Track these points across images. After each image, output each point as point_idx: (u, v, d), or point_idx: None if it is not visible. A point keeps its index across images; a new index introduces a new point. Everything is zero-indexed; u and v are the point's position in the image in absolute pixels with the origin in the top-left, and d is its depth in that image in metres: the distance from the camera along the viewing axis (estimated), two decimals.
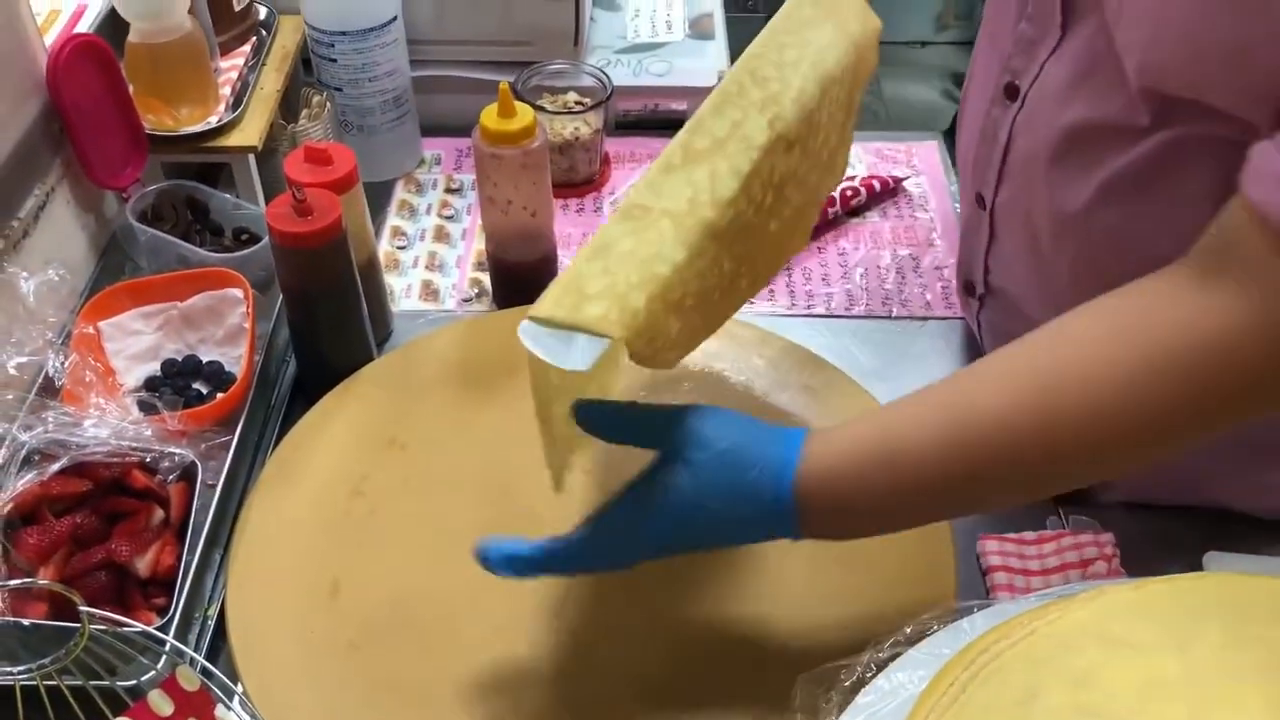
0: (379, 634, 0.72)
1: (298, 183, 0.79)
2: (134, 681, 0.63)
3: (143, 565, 0.70)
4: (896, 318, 0.96)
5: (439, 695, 0.69)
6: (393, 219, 1.06)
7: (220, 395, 0.81)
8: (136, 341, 0.87)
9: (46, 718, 0.61)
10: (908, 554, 0.71)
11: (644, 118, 1.16)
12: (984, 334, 0.86)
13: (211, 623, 0.72)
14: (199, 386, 0.85)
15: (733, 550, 0.74)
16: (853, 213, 1.06)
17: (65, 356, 0.79)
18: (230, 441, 0.78)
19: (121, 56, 0.92)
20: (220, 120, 0.95)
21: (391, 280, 0.99)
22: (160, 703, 0.61)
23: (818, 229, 1.03)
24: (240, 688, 0.67)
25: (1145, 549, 0.74)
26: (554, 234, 0.94)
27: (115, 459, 0.73)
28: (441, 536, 0.77)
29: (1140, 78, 0.60)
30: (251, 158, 0.97)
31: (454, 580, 0.74)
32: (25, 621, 0.65)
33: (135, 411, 0.79)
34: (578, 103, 1.07)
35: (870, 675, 0.56)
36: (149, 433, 0.75)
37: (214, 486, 0.75)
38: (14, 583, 0.66)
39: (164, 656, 0.64)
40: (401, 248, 1.03)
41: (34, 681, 0.61)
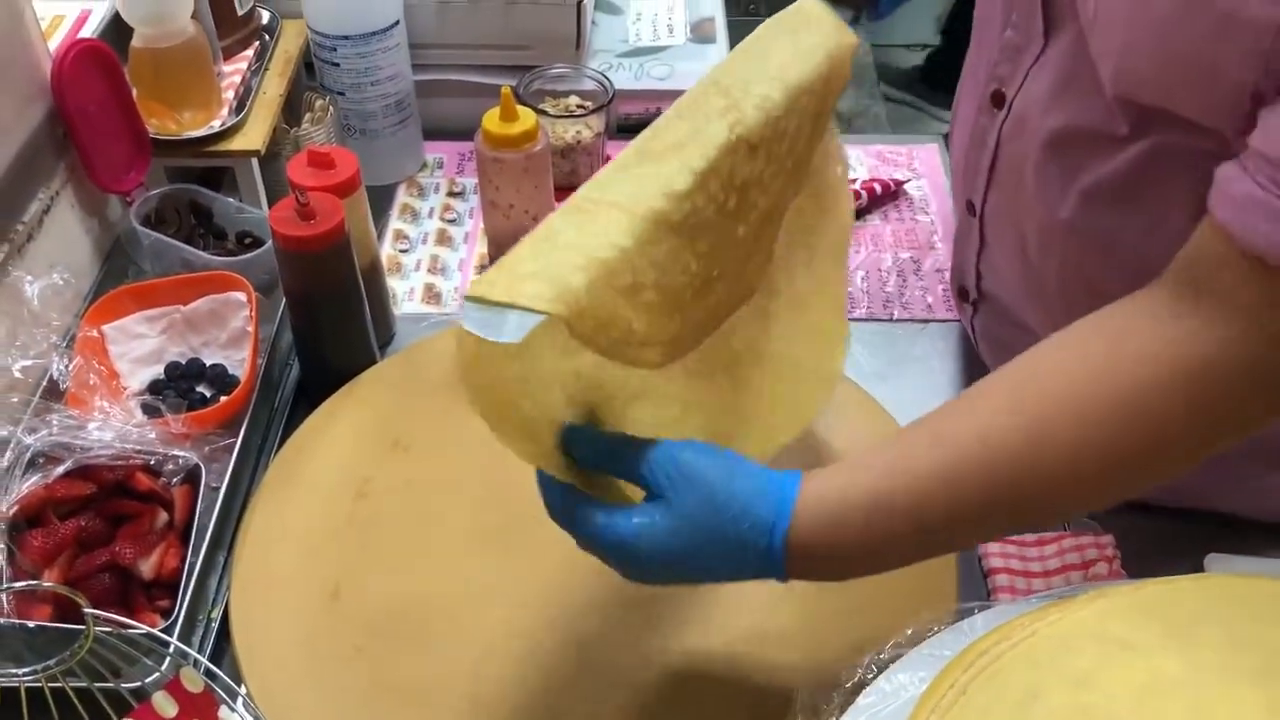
0: (382, 636, 0.72)
1: (300, 186, 0.80)
2: (138, 683, 0.64)
3: (147, 567, 0.70)
4: (898, 320, 0.97)
5: (441, 697, 0.69)
6: (395, 222, 1.06)
7: (224, 398, 0.82)
8: (140, 345, 0.87)
9: (51, 719, 0.62)
10: None
11: (645, 121, 1.16)
12: (978, 338, 0.87)
13: (215, 625, 0.72)
14: (202, 389, 0.85)
15: None
16: (854, 215, 1.06)
17: (69, 360, 0.79)
18: (234, 444, 0.78)
19: (125, 61, 0.93)
20: (223, 124, 0.96)
21: (394, 283, 0.99)
22: (164, 704, 0.61)
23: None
24: (244, 689, 0.67)
25: (1146, 551, 0.74)
26: None
27: (119, 462, 0.73)
28: (444, 539, 0.78)
29: (1115, 85, 0.60)
30: (254, 161, 0.97)
31: (457, 583, 0.75)
32: (30, 623, 0.65)
33: (139, 414, 0.79)
34: (579, 106, 1.08)
35: (871, 676, 0.56)
36: (153, 436, 0.75)
37: (218, 489, 0.76)
38: (19, 585, 0.66)
39: (168, 658, 0.64)
40: (404, 251, 1.03)
41: (39, 683, 0.61)
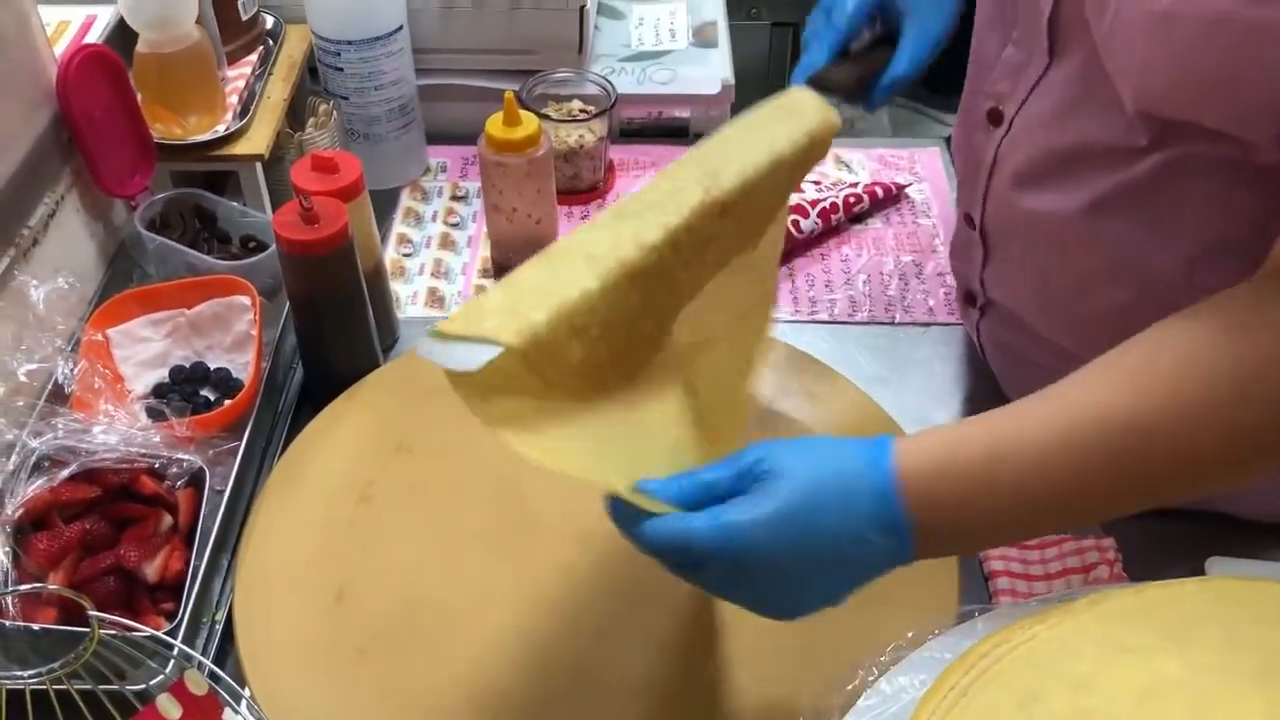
0: (385, 639, 0.72)
1: (304, 191, 0.80)
2: (142, 685, 0.64)
3: (151, 570, 0.70)
4: (899, 323, 0.97)
5: (444, 700, 0.69)
6: (399, 226, 1.06)
7: (228, 402, 0.82)
8: (145, 348, 0.87)
9: None
10: None
11: (648, 125, 1.17)
12: (984, 343, 0.87)
13: (219, 627, 0.73)
14: (207, 393, 0.86)
15: None
16: (855, 219, 1.06)
17: (74, 363, 0.80)
18: (238, 447, 0.78)
19: (130, 66, 0.93)
20: (227, 129, 0.96)
21: (397, 287, 0.99)
22: (168, 706, 0.61)
23: (820, 235, 1.04)
24: (248, 691, 0.67)
25: (1147, 554, 0.74)
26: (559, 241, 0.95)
27: (124, 465, 0.74)
28: (448, 541, 0.78)
29: (1136, 102, 0.60)
30: (258, 166, 0.97)
31: (460, 585, 0.75)
32: (35, 626, 0.66)
33: (144, 418, 0.80)
34: (582, 111, 1.08)
35: (872, 679, 0.56)
36: (157, 439, 0.75)
37: (222, 492, 0.76)
38: (24, 588, 0.67)
39: (172, 660, 0.65)
40: (407, 255, 1.04)
41: (43, 686, 0.61)
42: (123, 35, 0.95)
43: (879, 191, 1.07)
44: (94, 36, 0.96)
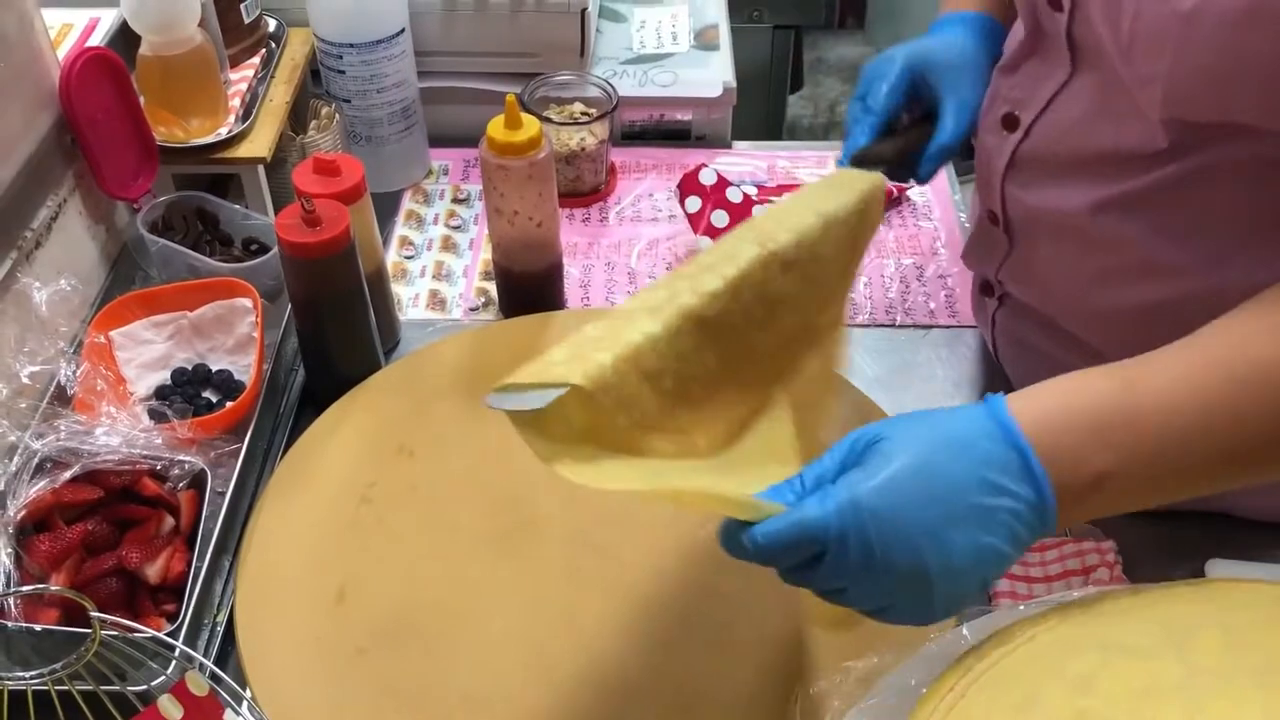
0: (386, 640, 0.72)
1: (306, 193, 0.80)
2: (144, 686, 0.64)
3: (153, 572, 0.71)
4: (901, 326, 0.97)
5: (445, 701, 0.69)
6: (400, 229, 1.07)
7: (229, 404, 0.82)
8: (147, 350, 0.87)
9: None
10: None
11: (649, 128, 1.17)
12: (997, 335, 0.86)
13: (220, 628, 0.73)
14: (209, 395, 0.86)
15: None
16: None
17: (77, 365, 0.80)
18: (239, 449, 0.78)
19: (133, 69, 0.94)
20: (230, 132, 0.96)
21: (399, 289, 1.00)
22: (170, 707, 0.61)
23: None
24: (249, 693, 0.67)
25: (1147, 556, 0.74)
26: (560, 244, 0.95)
27: (126, 467, 0.74)
28: (448, 543, 0.78)
29: (1165, 108, 0.60)
30: (261, 169, 0.98)
31: (461, 586, 0.75)
32: (37, 627, 0.66)
33: (146, 420, 0.80)
34: (584, 113, 1.08)
35: (872, 679, 0.56)
36: (159, 441, 0.76)
37: (223, 494, 0.76)
38: (26, 589, 0.67)
39: (173, 662, 0.65)
40: (409, 257, 1.04)
41: (46, 686, 0.62)
42: (125, 38, 0.96)
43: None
44: (97, 39, 0.96)
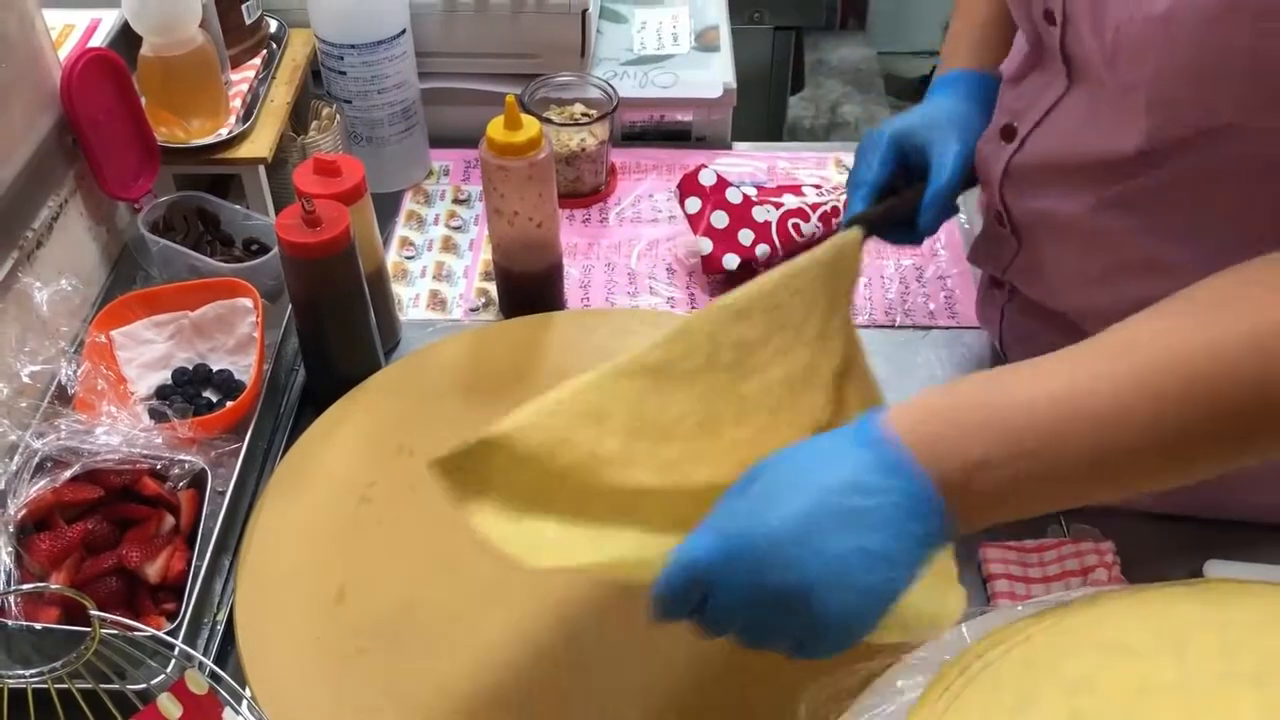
0: (385, 639, 0.72)
1: (307, 194, 0.80)
2: (144, 685, 0.64)
3: (153, 571, 0.71)
4: (900, 327, 0.97)
5: (445, 701, 0.69)
6: (401, 229, 1.07)
7: (230, 403, 0.82)
8: (148, 350, 0.88)
9: None
10: None
11: (650, 129, 1.17)
12: (1005, 329, 0.87)
13: (220, 627, 0.73)
14: (209, 395, 0.86)
15: None
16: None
17: (78, 365, 0.80)
18: (240, 449, 0.79)
19: (134, 70, 0.94)
20: (231, 132, 0.96)
21: (399, 290, 1.00)
22: (169, 706, 0.61)
23: (821, 239, 1.03)
24: (248, 691, 0.68)
25: (1146, 557, 0.74)
26: (560, 244, 0.95)
27: (126, 466, 0.74)
28: (448, 543, 0.78)
29: (1150, 115, 0.60)
30: (261, 169, 0.98)
31: (460, 586, 0.75)
32: (37, 626, 0.66)
33: (146, 419, 0.80)
34: (584, 114, 1.08)
35: (868, 680, 0.56)
36: (160, 440, 0.76)
37: (223, 493, 0.76)
38: (26, 587, 0.67)
39: (173, 660, 0.65)
40: (409, 258, 1.04)
41: (45, 685, 0.62)
42: (127, 39, 0.96)
43: None
44: (98, 40, 0.96)
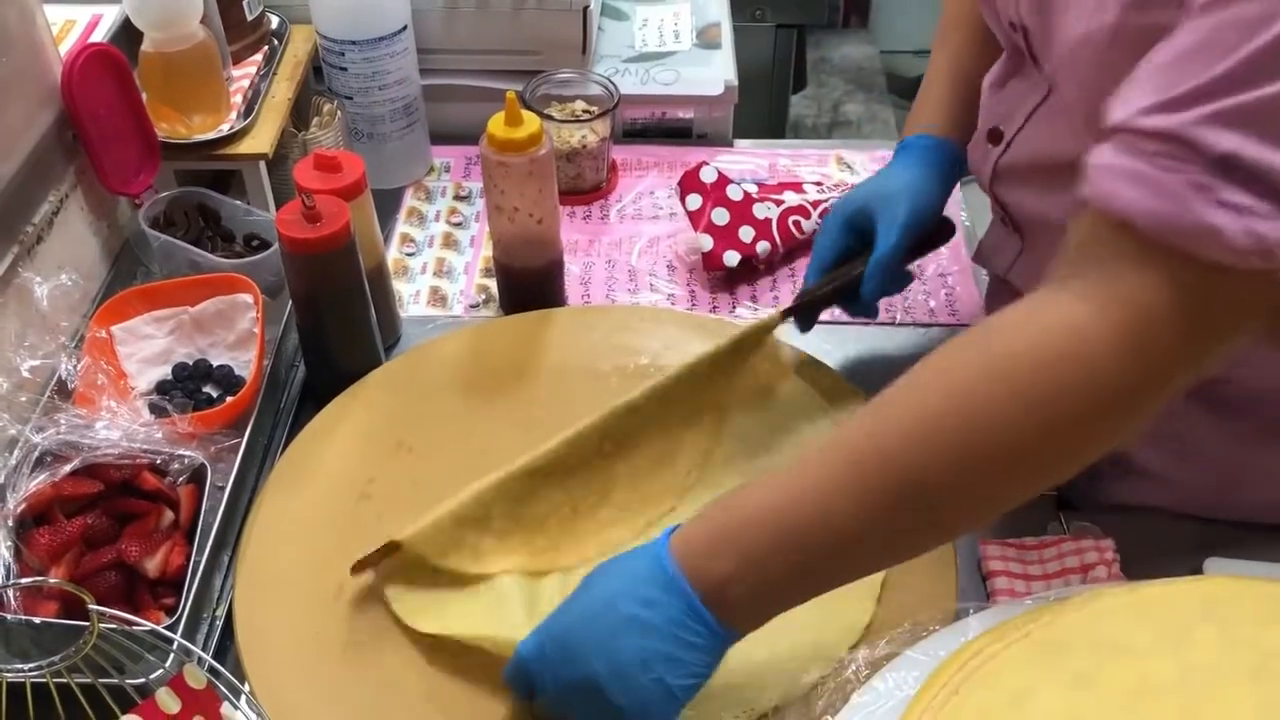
0: (384, 635, 0.72)
1: (307, 190, 0.80)
2: (142, 680, 0.64)
3: (152, 565, 0.71)
4: (900, 324, 0.97)
5: (444, 696, 0.69)
6: (402, 226, 1.07)
7: (230, 399, 0.82)
8: (148, 345, 0.88)
9: (56, 715, 0.62)
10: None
11: (651, 126, 1.17)
12: None
13: (219, 623, 0.73)
14: (209, 390, 0.86)
15: None
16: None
17: (78, 360, 0.80)
18: (239, 444, 0.79)
19: (135, 65, 0.94)
20: (232, 128, 0.96)
21: (400, 286, 1.00)
22: (168, 701, 0.61)
23: None
24: (247, 687, 0.67)
25: (1146, 554, 0.74)
26: (560, 240, 0.95)
27: (126, 461, 0.74)
28: None
29: (1087, 126, 0.63)
30: (262, 165, 0.98)
31: None
32: (36, 620, 0.66)
33: (146, 414, 0.80)
34: (585, 111, 1.08)
35: (866, 675, 0.56)
36: (159, 435, 0.76)
37: (223, 489, 0.76)
38: (25, 581, 0.67)
39: (172, 655, 0.65)
40: (410, 254, 1.04)
41: (44, 679, 0.62)
42: (128, 34, 0.96)
43: None
44: (99, 35, 0.96)
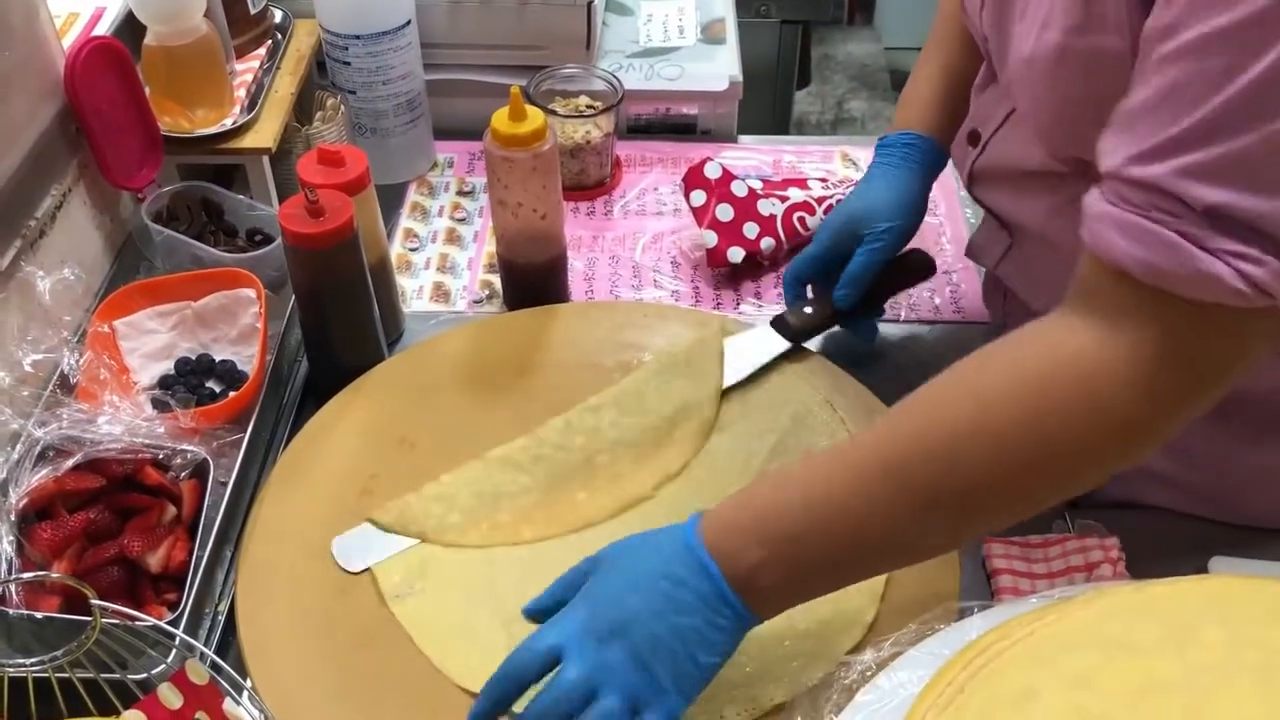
0: (386, 631, 0.72)
1: (310, 184, 0.80)
2: (144, 675, 0.64)
3: (154, 560, 0.71)
4: (905, 321, 0.97)
5: (446, 692, 0.69)
6: (405, 221, 1.07)
7: (232, 394, 0.82)
8: (151, 340, 0.87)
9: (58, 709, 0.62)
10: None
11: (655, 122, 1.17)
12: (1006, 310, 0.88)
13: (221, 618, 0.73)
14: (212, 385, 0.86)
15: None
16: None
17: (80, 354, 0.80)
18: (242, 439, 0.79)
19: (138, 59, 0.94)
20: (235, 122, 0.96)
21: (403, 281, 1.00)
22: (170, 696, 0.61)
23: None
24: (249, 682, 0.67)
25: (1151, 553, 0.74)
26: (564, 236, 0.95)
27: (128, 456, 0.74)
28: None
29: (1038, 139, 0.68)
30: (265, 159, 0.98)
31: None
32: (38, 614, 0.66)
33: (149, 409, 0.80)
34: (589, 106, 1.08)
35: (870, 674, 0.56)
36: (162, 430, 0.75)
37: (225, 484, 0.76)
38: (28, 576, 0.67)
39: (174, 650, 0.65)
40: (413, 249, 1.04)
41: (46, 673, 0.62)
42: (131, 28, 0.96)
43: None
44: (102, 29, 0.96)
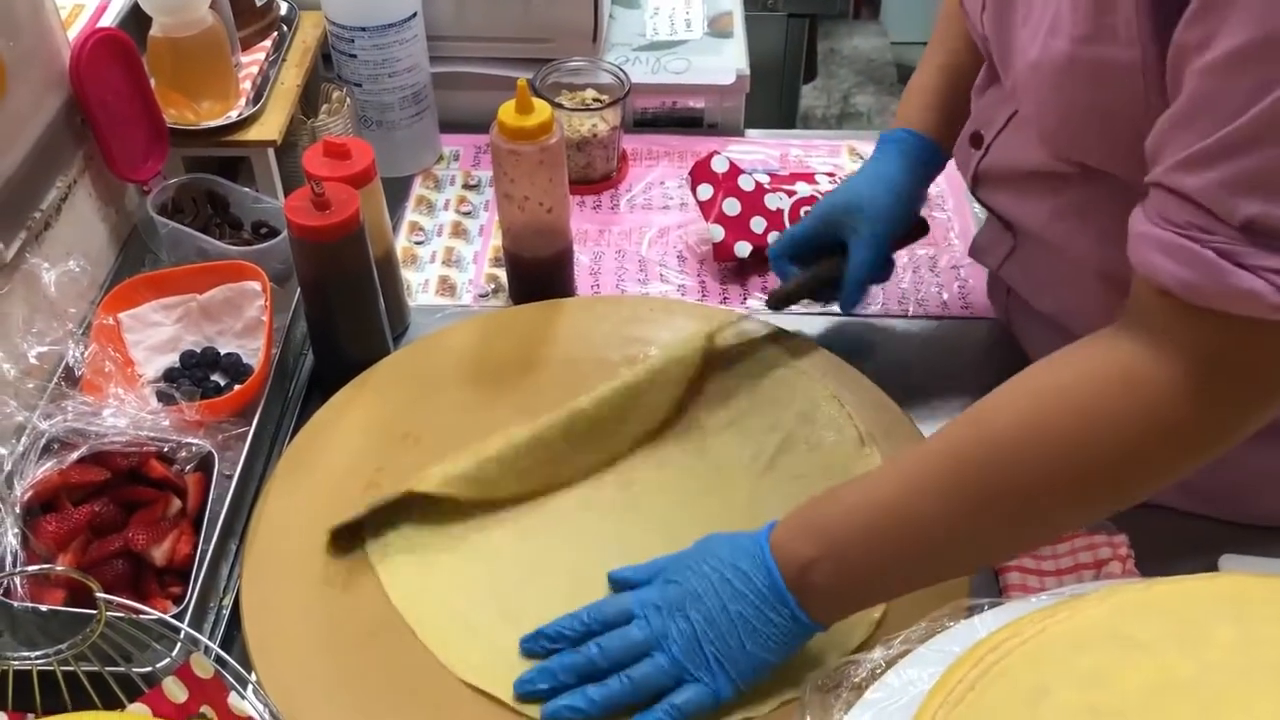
0: (391, 625, 0.72)
1: (316, 177, 0.80)
2: (149, 668, 0.64)
3: (159, 554, 0.70)
4: (913, 316, 0.96)
5: (452, 686, 0.69)
6: (411, 214, 1.06)
7: (238, 387, 0.82)
8: (156, 333, 0.87)
9: (63, 702, 0.62)
10: None
11: (662, 115, 1.17)
12: (1011, 319, 0.88)
13: (226, 612, 0.73)
14: (217, 378, 0.86)
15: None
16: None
17: (85, 347, 0.80)
18: (247, 433, 0.78)
19: (144, 50, 0.93)
20: (240, 114, 0.96)
21: (409, 275, 0.99)
22: (174, 689, 0.61)
23: None
24: (254, 676, 0.67)
25: (1161, 550, 0.74)
26: (570, 230, 0.94)
27: (133, 448, 0.74)
28: None
29: (1042, 143, 0.69)
30: (271, 152, 0.97)
31: None
32: (43, 608, 0.66)
33: (154, 402, 0.80)
34: (596, 100, 1.08)
35: (880, 671, 0.56)
36: (167, 423, 0.75)
37: (230, 477, 0.76)
38: (33, 569, 0.67)
39: (179, 644, 0.65)
40: (419, 243, 1.03)
41: (51, 667, 0.62)
42: (137, 19, 0.95)
43: None
44: (108, 20, 0.96)
